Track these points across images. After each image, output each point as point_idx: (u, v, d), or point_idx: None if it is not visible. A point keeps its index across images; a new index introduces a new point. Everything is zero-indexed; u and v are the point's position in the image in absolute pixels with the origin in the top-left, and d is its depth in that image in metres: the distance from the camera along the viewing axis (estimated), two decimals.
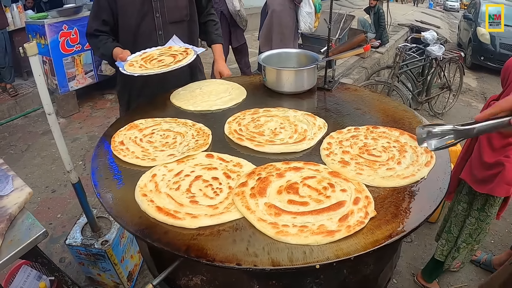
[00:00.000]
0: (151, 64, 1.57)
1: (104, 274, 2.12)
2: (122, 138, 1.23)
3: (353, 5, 15.00)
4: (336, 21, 5.20)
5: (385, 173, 0.98)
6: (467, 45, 8.63)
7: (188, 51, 1.62)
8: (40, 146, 4.03)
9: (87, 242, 1.98)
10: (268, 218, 0.80)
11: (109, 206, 0.90)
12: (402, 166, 1.01)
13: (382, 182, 0.95)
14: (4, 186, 1.42)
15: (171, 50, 1.67)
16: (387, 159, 1.05)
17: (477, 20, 8.36)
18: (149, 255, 1.05)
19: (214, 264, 0.70)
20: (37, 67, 1.55)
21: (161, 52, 1.68)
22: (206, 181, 0.97)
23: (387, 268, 1.06)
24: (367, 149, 1.11)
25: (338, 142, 1.15)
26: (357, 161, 1.05)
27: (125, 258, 2.16)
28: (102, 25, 1.82)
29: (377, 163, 1.04)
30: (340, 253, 0.72)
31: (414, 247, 2.65)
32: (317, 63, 1.60)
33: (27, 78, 5.64)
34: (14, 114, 4.80)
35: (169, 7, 1.80)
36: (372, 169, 1.00)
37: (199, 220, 0.81)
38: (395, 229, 0.77)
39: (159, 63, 1.56)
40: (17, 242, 1.20)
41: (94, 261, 2.04)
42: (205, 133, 1.26)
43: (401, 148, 1.10)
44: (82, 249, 1.99)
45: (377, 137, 1.17)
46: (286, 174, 0.96)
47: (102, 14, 1.80)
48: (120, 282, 2.15)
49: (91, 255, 2.00)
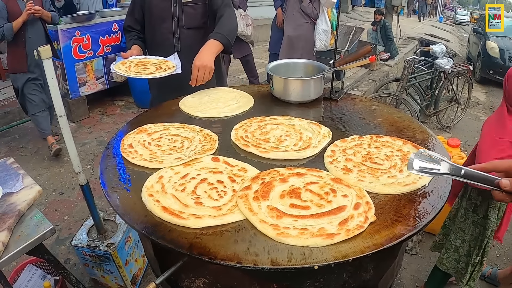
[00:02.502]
0: (136, 69, 1.72)
1: (109, 276, 2.14)
2: (131, 141, 1.26)
3: (363, 17, 15.11)
4: (346, 34, 5.27)
5: (386, 180, 1.00)
6: (476, 58, 8.62)
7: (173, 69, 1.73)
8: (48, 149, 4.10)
9: (93, 243, 2.01)
10: (270, 220, 0.82)
11: (116, 205, 0.93)
12: (404, 174, 1.03)
13: (383, 188, 0.97)
14: (14, 183, 1.47)
15: (165, 64, 1.80)
16: (389, 167, 1.07)
17: (487, 33, 8.35)
18: (153, 255, 1.07)
19: (215, 262, 0.72)
20: (50, 70, 1.60)
21: (157, 62, 1.82)
22: (211, 184, 1.00)
23: (388, 276, 1.06)
24: (370, 157, 1.13)
25: (342, 150, 1.17)
26: (359, 168, 1.06)
27: (130, 261, 2.19)
28: (134, 23, 2.04)
29: (379, 170, 1.05)
30: (339, 255, 0.73)
31: (418, 260, 2.63)
32: (324, 73, 1.63)
33: None
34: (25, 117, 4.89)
35: (186, 13, 1.92)
36: (374, 176, 1.02)
37: (203, 220, 0.84)
38: (394, 234, 0.79)
39: (144, 70, 1.72)
40: (24, 238, 1.25)
41: (99, 262, 2.07)
42: (212, 138, 1.29)
43: (403, 157, 1.11)
44: (87, 250, 2.02)
45: (381, 146, 1.20)
46: (289, 179, 0.98)
47: (135, 12, 2.02)
48: (124, 285, 2.17)
49: (96, 257, 2.03)
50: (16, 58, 3.60)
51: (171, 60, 1.85)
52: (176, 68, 1.74)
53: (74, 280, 1.58)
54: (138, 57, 1.86)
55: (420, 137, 1.29)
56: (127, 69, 1.70)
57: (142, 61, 1.82)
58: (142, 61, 1.81)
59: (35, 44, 3.36)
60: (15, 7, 3.46)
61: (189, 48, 1.90)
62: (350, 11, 17.33)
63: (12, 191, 1.41)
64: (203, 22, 1.97)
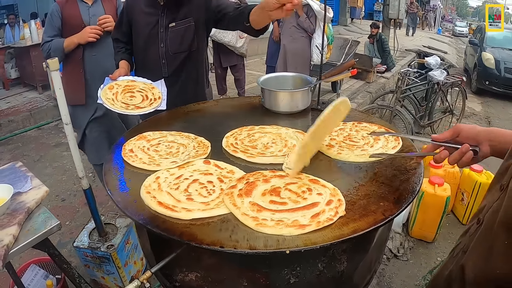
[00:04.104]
0: (123, 97, 1.74)
1: (108, 277, 2.24)
2: (131, 146, 1.39)
3: (362, 30, 15.36)
4: (342, 47, 5.42)
5: (359, 153, 1.29)
6: (472, 69, 8.75)
7: (158, 101, 1.77)
8: (52, 157, 4.22)
9: (94, 245, 2.11)
10: (251, 213, 0.94)
11: (118, 200, 1.05)
12: (374, 148, 1.33)
13: (356, 158, 1.26)
14: (23, 184, 1.59)
15: (151, 91, 1.82)
16: (363, 144, 1.36)
17: (482, 45, 8.48)
18: (150, 248, 1.19)
19: (201, 246, 0.84)
20: (57, 81, 1.69)
21: (144, 87, 1.83)
22: (202, 184, 1.12)
23: (364, 270, 1.17)
24: (349, 137, 1.42)
25: None
26: (340, 145, 1.36)
27: (129, 263, 2.29)
28: (122, 35, 2.05)
29: (355, 146, 1.35)
30: (308, 242, 0.85)
31: (409, 266, 2.72)
32: (311, 86, 1.76)
33: (42, 92, 5.92)
34: (28, 126, 5.07)
35: (172, 39, 1.91)
36: (350, 150, 1.31)
37: (193, 213, 0.96)
38: (360, 227, 0.90)
39: (130, 99, 1.74)
40: (33, 232, 1.36)
41: (99, 263, 2.17)
42: (205, 145, 1.41)
43: (376, 137, 1.39)
44: (88, 252, 2.12)
45: (360, 130, 1.49)
46: (271, 180, 1.10)
47: (122, 25, 2.04)
48: (122, 285, 2.26)
49: (97, 258, 2.13)
50: (70, 83, 2.39)
51: (158, 86, 1.86)
52: (162, 100, 1.78)
53: (76, 274, 1.69)
54: (126, 79, 1.85)
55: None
56: (114, 96, 1.72)
57: (129, 85, 1.82)
58: (130, 86, 1.81)
59: (99, 65, 2.37)
60: (73, 12, 2.32)
61: (177, 73, 1.99)
62: (349, 24, 17.62)
63: (22, 191, 1.53)
64: (190, 46, 1.95)
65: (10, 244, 1.27)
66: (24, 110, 5.22)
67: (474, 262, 0.77)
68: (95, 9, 2.37)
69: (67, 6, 2.30)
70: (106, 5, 2.40)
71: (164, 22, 1.90)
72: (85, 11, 2.34)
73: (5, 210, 1.39)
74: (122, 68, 1.94)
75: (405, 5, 10.86)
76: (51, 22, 2.31)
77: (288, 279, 0.99)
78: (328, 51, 4.63)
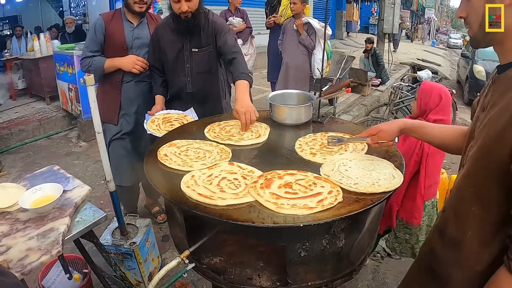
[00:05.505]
0: (165, 126, 2.10)
1: (129, 272, 2.43)
2: (165, 151, 1.67)
3: (357, 44, 15.73)
4: (338, 62, 5.72)
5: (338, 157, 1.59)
6: (465, 81, 9.00)
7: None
8: (64, 166, 4.24)
9: (117, 242, 2.34)
10: (271, 200, 1.24)
11: (164, 193, 1.35)
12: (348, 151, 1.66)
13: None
14: (66, 183, 1.81)
15: (184, 118, 2.22)
16: (338, 149, 1.68)
17: (474, 58, 8.71)
18: (185, 233, 1.46)
19: (237, 222, 1.14)
20: (92, 94, 1.86)
21: (178, 117, 2.23)
22: (230, 180, 1.42)
23: (358, 249, 1.45)
24: (324, 145, 1.71)
25: (305, 143, 1.74)
26: (320, 152, 1.66)
27: (148, 259, 2.52)
28: (154, 61, 2.39)
29: (332, 152, 1.66)
30: (316, 219, 1.15)
31: (401, 263, 2.96)
32: (312, 102, 2.07)
33: (50, 103, 5.99)
34: (38, 135, 5.17)
35: (196, 61, 2.33)
36: (330, 155, 1.62)
37: (227, 200, 1.26)
38: (354, 209, 1.21)
39: (170, 127, 2.08)
40: (83, 222, 1.61)
41: (122, 259, 2.37)
42: (227, 150, 1.71)
43: (346, 144, 1.71)
44: (112, 249, 2.32)
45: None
46: (284, 177, 1.41)
47: (155, 52, 2.36)
48: (142, 281, 2.49)
49: (120, 254, 2.34)
50: (106, 102, 2.43)
51: (189, 114, 2.27)
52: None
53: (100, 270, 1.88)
54: (162, 113, 2.25)
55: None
56: (157, 127, 2.08)
57: (166, 117, 2.21)
58: (167, 117, 2.20)
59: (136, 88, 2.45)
60: (117, 31, 2.30)
61: (200, 88, 2.38)
62: (345, 37, 18.06)
63: (67, 189, 1.77)
64: (210, 67, 2.37)
65: (65, 232, 1.52)
66: (34, 120, 5.31)
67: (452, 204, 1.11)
68: (140, 31, 2.39)
69: (112, 23, 2.29)
70: (152, 26, 2.40)
71: (188, 46, 2.31)
72: (129, 32, 2.34)
73: (55, 204, 1.62)
74: (158, 104, 2.33)
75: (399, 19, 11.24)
76: (94, 37, 2.29)
77: (299, 253, 1.28)
78: (328, 65, 4.92)
